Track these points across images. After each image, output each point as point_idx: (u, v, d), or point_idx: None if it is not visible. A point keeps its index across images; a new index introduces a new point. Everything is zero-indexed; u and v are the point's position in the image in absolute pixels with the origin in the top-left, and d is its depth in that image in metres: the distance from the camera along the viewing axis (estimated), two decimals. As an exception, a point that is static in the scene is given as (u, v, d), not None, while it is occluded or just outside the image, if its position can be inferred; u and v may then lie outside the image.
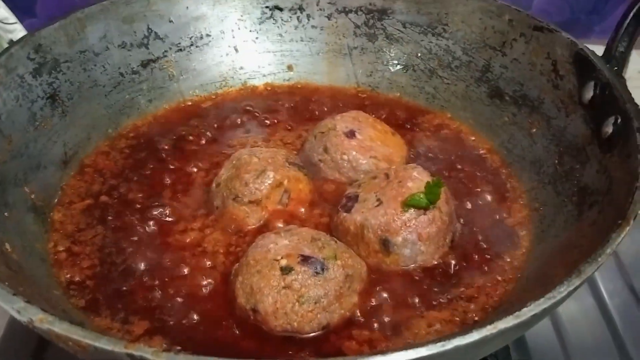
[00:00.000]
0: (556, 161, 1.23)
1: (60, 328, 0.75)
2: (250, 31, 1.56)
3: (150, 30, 1.47)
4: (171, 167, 1.31)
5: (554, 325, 1.28)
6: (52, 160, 1.26)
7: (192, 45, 1.52)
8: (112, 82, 1.42)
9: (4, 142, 1.15)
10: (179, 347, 0.94)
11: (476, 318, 1.01)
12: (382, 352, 0.72)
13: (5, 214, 1.08)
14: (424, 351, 0.73)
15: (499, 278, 1.08)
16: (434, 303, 1.03)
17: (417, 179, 1.10)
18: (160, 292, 1.05)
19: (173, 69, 1.50)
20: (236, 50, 1.56)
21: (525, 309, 0.78)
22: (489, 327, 0.76)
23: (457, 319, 1.01)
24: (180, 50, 1.51)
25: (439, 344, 0.73)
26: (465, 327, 0.97)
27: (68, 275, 1.07)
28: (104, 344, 0.73)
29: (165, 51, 1.49)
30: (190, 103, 1.50)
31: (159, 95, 1.48)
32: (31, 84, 1.26)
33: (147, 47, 1.47)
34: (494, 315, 0.96)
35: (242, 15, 1.55)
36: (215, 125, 1.42)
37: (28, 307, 0.78)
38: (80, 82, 1.36)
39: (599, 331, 1.27)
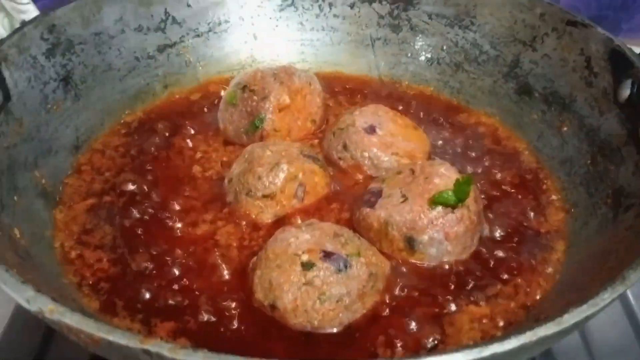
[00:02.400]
0: (589, 161, 1.18)
1: (72, 320, 0.71)
2: (270, 18, 1.52)
3: (167, 14, 1.42)
4: (177, 156, 1.27)
5: (583, 343, 1.21)
6: (63, 144, 1.22)
7: (210, 31, 1.48)
8: (127, 66, 1.38)
9: (15, 124, 1.11)
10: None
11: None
12: (417, 357, 0.68)
13: (15, 198, 1.03)
14: (459, 357, 0.68)
15: (533, 280, 1.03)
16: (472, 299, 0.99)
17: (445, 176, 1.05)
18: (175, 288, 1.00)
19: (190, 55, 1.46)
20: (255, 37, 1.51)
21: (567, 316, 0.73)
22: (528, 333, 0.71)
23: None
24: (198, 36, 1.47)
25: (475, 350, 0.69)
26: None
27: (79, 277, 1.02)
28: (119, 338, 0.68)
29: (182, 36, 1.45)
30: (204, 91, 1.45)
31: (175, 81, 1.44)
32: (44, 65, 1.22)
33: (164, 32, 1.43)
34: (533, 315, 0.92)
35: (262, 2, 1.51)
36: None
37: (38, 297, 0.74)
38: (94, 66, 1.32)
39: (629, 347, 1.21)
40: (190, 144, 1.29)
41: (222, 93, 1.38)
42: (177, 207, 1.14)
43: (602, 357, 1.18)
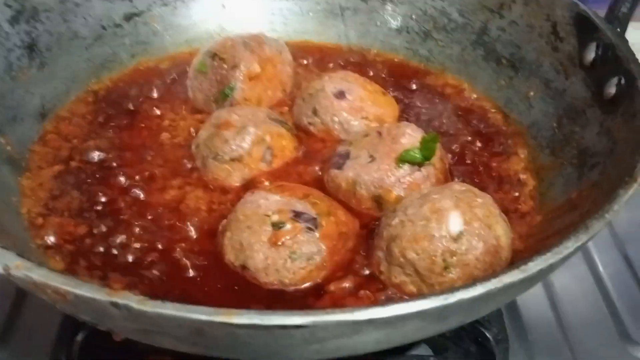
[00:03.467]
0: (555, 125, 1.20)
1: (38, 274, 0.70)
2: (239, -13, 1.50)
3: (134, -18, 1.40)
4: (145, 124, 1.25)
5: (548, 296, 1.25)
6: (29, 112, 1.19)
7: (177, 0, 1.46)
8: (93, 34, 1.35)
9: (-21, 91, 1.09)
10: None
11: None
12: (382, 304, 0.68)
13: (-20, 164, 1.02)
14: (426, 304, 0.69)
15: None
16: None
17: (411, 136, 1.06)
18: (142, 251, 0.99)
19: (157, 24, 1.44)
20: (223, 6, 1.50)
21: (531, 263, 0.74)
22: (493, 280, 0.72)
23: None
24: (165, 4, 1.45)
25: (441, 297, 0.69)
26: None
27: (44, 239, 1.01)
28: (86, 291, 0.68)
29: (149, 5, 1.43)
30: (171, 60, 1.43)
31: (142, 50, 1.42)
32: (8, 32, 1.20)
33: (131, 0, 1.41)
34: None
35: (230, -29, 1.49)
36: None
37: (4, 253, 0.73)
38: (59, 33, 1.30)
39: (594, 301, 1.25)
40: (158, 112, 1.27)
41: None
42: (146, 173, 1.12)
43: (570, 323, 1.21)
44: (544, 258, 0.75)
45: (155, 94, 1.32)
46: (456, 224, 0.88)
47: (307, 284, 0.94)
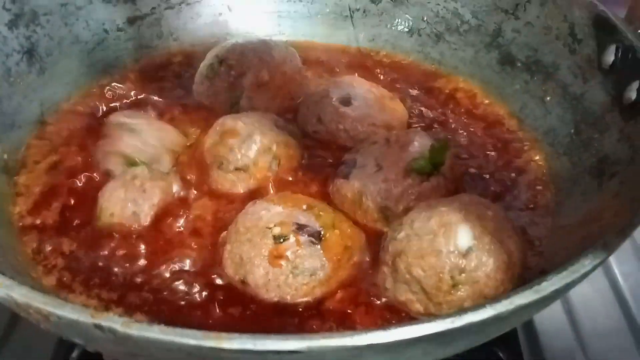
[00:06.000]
0: (572, 131, 1.14)
1: (18, 294, 0.66)
2: (245, -12, 1.46)
3: (137, -15, 1.37)
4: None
5: (565, 312, 1.20)
6: (27, 119, 1.16)
7: (182, 2, 1.42)
8: (95, 39, 1.32)
9: (-25, 97, 1.06)
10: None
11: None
12: (384, 328, 0.64)
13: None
14: (431, 327, 0.64)
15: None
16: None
17: (420, 144, 1.02)
18: (143, 262, 0.96)
19: (162, 28, 1.41)
20: (230, 9, 1.46)
21: (545, 283, 0.69)
22: (504, 302, 0.67)
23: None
24: (170, 7, 1.42)
25: (448, 320, 0.65)
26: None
27: (35, 245, 0.98)
28: (68, 312, 0.64)
29: (153, 8, 1.40)
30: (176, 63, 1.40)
31: (146, 54, 1.38)
32: (6, 36, 1.17)
33: (134, 3, 1.37)
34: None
35: (237, -28, 1.46)
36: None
37: (-17, 270, 0.69)
38: (60, 38, 1.27)
39: (614, 317, 1.19)
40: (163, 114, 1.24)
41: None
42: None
43: (589, 337, 1.16)
44: (559, 277, 0.70)
45: (160, 99, 1.28)
46: (465, 238, 0.83)
47: (309, 299, 0.90)
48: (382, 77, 1.34)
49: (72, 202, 1.05)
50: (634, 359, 1.13)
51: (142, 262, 0.95)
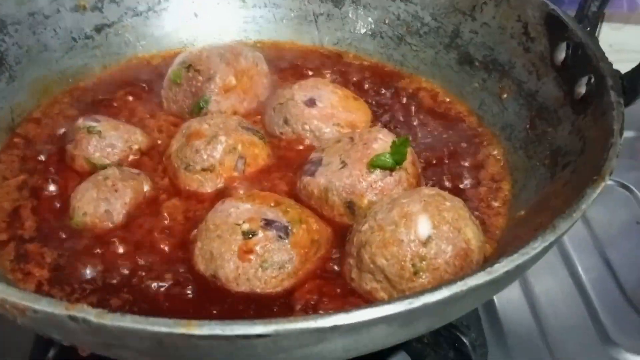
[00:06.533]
0: (527, 126, 1.19)
1: (-5, 289, 0.68)
2: (211, -5, 1.49)
3: (104, -7, 1.39)
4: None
5: (527, 300, 1.24)
6: (-2, 126, 1.18)
7: (149, 10, 1.45)
8: (63, 47, 1.35)
9: (-56, 105, 1.08)
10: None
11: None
12: (346, 311, 0.67)
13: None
14: (391, 308, 0.68)
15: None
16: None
17: (383, 141, 1.05)
18: (117, 261, 0.98)
19: (129, 35, 1.43)
20: (196, 15, 1.49)
21: (497, 265, 0.73)
22: (459, 283, 0.71)
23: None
24: (137, 15, 1.44)
25: (406, 301, 0.68)
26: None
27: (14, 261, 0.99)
28: (44, 305, 0.67)
29: (120, 16, 1.42)
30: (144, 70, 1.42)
31: (115, 61, 1.41)
32: (-26, 46, 1.19)
33: (102, 11, 1.40)
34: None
35: (202, -21, 1.49)
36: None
37: (-40, 269, 0.72)
38: (29, 46, 1.29)
39: (574, 304, 1.24)
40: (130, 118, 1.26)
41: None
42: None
43: (550, 327, 1.20)
44: (510, 259, 0.74)
45: (128, 104, 1.30)
46: (425, 228, 0.87)
47: (279, 289, 0.93)
48: (347, 78, 1.38)
49: (45, 210, 1.07)
50: (593, 344, 1.18)
51: (120, 262, 0.98)
